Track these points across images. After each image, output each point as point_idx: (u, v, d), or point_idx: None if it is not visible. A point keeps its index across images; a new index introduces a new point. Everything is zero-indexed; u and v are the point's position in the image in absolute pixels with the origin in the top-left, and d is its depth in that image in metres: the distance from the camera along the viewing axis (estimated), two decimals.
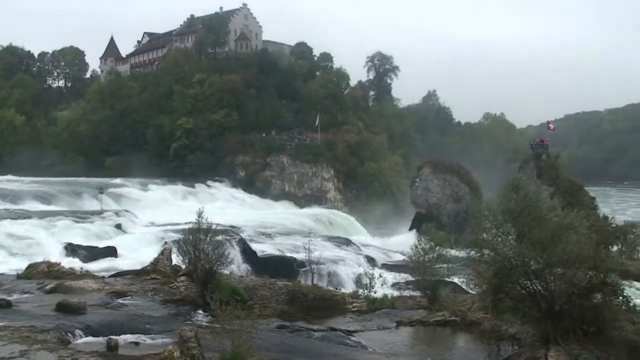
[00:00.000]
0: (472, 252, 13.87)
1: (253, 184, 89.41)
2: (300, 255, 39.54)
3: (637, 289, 27.97)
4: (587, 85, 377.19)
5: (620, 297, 12.69)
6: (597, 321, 12.33)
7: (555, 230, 12.67)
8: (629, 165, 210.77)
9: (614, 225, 51.83)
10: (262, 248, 44.81)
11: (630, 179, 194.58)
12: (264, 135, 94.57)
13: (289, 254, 43.13)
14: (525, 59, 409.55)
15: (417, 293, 23.11)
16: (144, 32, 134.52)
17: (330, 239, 54.11)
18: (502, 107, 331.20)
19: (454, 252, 23.35)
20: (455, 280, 23.31)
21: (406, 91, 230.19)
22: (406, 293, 24.81)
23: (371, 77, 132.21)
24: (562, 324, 12.32)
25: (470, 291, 19.82)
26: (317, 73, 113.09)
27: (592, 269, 12.49)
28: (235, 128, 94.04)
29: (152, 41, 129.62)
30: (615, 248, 46.41)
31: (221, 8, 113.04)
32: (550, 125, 74.59)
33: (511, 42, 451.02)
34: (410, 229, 63.63)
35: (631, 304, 12.83)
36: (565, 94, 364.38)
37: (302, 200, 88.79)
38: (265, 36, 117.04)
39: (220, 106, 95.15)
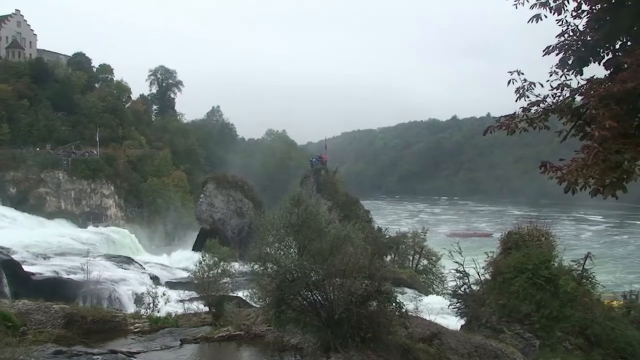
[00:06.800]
0: (256, 266, 14.08)
1: (26, 202, 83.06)
2: (79, 276, 37.79)
3: (408, 295, 30.10)
4: (364, 105, 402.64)
5: (394, 304, 13.51)
6: (374, 327, 13.01)
7: (333, 242, 13.25)
8: (400, 180, 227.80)
9: (387, 236, 55.74)
10: (36, 270, 42.09)
11: (401, 193, 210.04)
12: (37, 149, 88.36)
13: (66, 276, 40.97)
14: (305, 81, 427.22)
15: (202, 309, 22.99)
16: None
17: (111, 258, 52.19)
18: (284, 124, 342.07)
19: (238, 267, 23.47)
20: (240, 294, 23.46)
21: (190, 106, 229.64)
22: (191, 310, 24.56)
23: (154, 91, 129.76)
24: (341, 331, 12.82)
25: (254, 305, 20.11)
26: (97, 85, 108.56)
27: (368, 278, 13.18)
28: (6, 142, 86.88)
29: None
30: (388, 258, 49.94)
31: None
32: (326, 145, 78.09)
33: (293, 65, 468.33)
34: (195, 244, 63.29)
35: (403, 310, 13.70)
36: (344, 113, 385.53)
37: (80, 218, 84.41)
38: (41, 45, 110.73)
39: None
